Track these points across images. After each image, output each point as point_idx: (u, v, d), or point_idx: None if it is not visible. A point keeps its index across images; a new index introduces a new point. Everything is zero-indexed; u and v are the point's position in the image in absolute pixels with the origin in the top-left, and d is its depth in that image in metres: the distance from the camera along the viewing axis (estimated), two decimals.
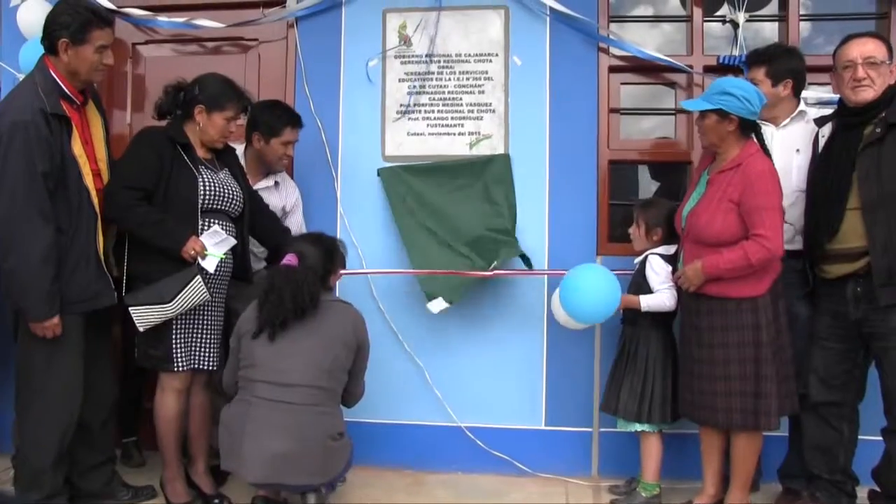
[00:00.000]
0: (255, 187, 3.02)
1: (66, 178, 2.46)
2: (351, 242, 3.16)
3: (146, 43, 3.53)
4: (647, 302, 2.73)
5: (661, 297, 2.74)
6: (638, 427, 2.76)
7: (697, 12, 3.26)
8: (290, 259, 2.56)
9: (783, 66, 2.77)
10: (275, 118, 3.02)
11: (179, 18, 3.39)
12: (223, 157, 2.86)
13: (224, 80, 2.78)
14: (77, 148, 2.50)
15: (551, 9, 3.20)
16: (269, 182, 3.11)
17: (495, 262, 2.99)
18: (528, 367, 3.18)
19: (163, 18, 3.40)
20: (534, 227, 3.20)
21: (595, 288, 2.73)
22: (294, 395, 2.44)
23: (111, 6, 3.34)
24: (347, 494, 2.89)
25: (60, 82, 2.50)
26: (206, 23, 3.36)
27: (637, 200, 3.02)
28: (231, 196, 2.77)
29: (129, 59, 3.52)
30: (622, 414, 2.76)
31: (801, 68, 2.81)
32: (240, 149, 3.09)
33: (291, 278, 2.49)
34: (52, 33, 2.49)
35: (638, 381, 2.75)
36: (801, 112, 2.82)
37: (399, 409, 3.22)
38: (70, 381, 2.57)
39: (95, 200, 2.55)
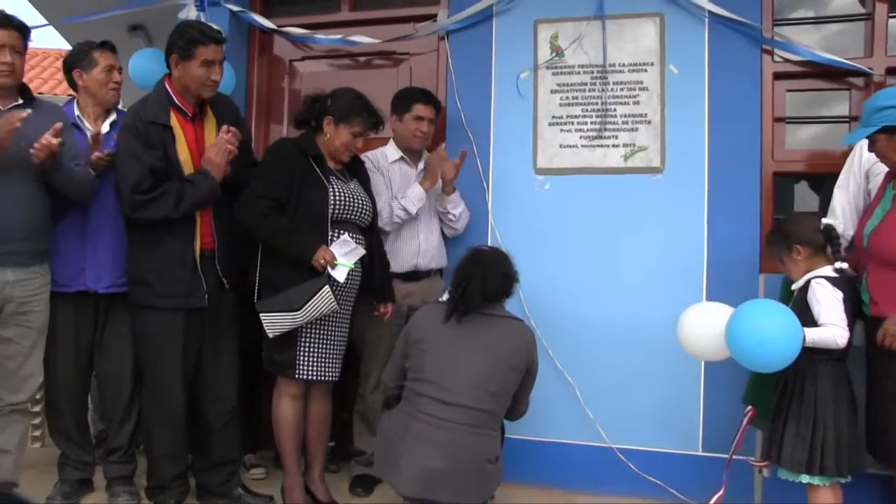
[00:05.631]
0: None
1: (169, 178, 3.06)
2: None
3: (302, 59, 4.17)
4: (811, 336, 2.60)
5: (826, 332, 2.63)
6: (806, 479, 2.68)
7: (881, 9, 3.43)
8: (484, 247, 3.00)
9: None
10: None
11: (335, 35, 3.98)
12: (352, 167, 3.36)
13: (357, 95, 3.26)
14: (183, 154, 3.10)
15: (710, 13, 3.50)
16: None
17: None
18: (685, 388, 3.46)
19: (320, 35, 4.01)
20: (692, 245, 3.50)
21: (784, 335, 2.58)
22: (458, 415, 2.75)
23: (271, 25, 4.01)
24: None
25: (172, 94, 3.14)
26: (361, 38, 3.93)
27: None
28: (360, 206, 3.25)
29: (287, 76, 4.17)
30: (787, 464, 2.69)
31: None
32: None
33: (495, 261, 2.92)
34: (167, 52, 3.16)
35: (806, 425, 2.66)
36: None
37: (548, 426, 3.59)
38: (169, 377, 3.16)
39: None
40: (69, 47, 3.96)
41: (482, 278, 2.87)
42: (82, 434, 3.42)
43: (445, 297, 3.04)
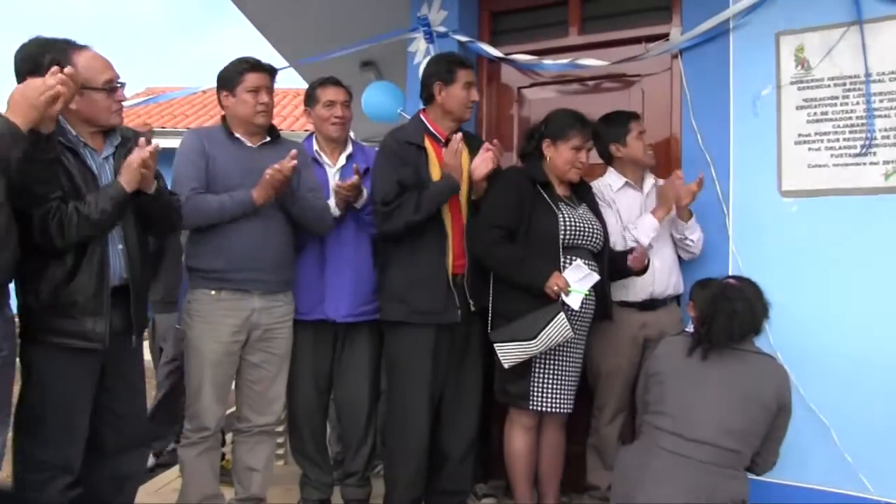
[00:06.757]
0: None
1: None
2: None
3: (531, 86, 4.24)
4: None
5: None
6: None
7: None
8: (731, 280, 2.88)
9: None
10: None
11: (563, 60, 4.01)
12: (580, 192, 3.38)
13: (569, 111, 3.34)
14: (435, 175, 3.26)
15: None
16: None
17: None
18: None
19: (548, 61, 4.06)
20: None
21: None
22: (701, 453, 2.65)
23: (499, 54, 4.13)
24: None
25: (427, 123, 3.36)
26: (590, 62, 3.92)
27: None
28: (591, 231, 3.26)
29: (515, 103, 4.26)
30: None
31: None
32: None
33: (744, 295, 2.80)
34: (427, 84, 3.37)
35: None
36: None
37: (799, 469, 3.34)
38: (416, 400, 3.28)
39: (448, 224, 3.28)
40: (303, 85, 4.32)
41: (729, 316, 2.76)
42: (321, 455, 3.64)
43: (690, 327, 2.95)
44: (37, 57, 2.55)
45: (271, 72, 3.31)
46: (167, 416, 4.54)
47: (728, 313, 2.75)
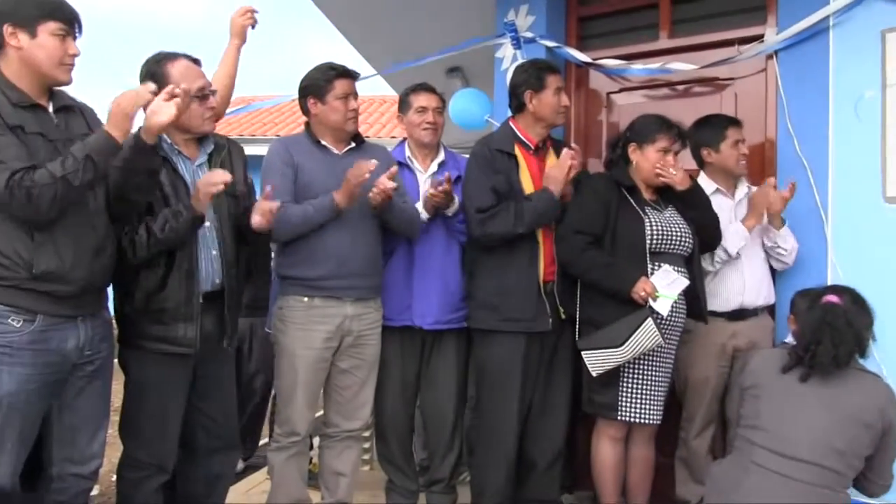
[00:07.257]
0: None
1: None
2: None
3: (619, 91, 4.19)
4: None
5: None
6: None
7: None
8: (833, 298, 2.71)
9: None
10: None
11: (653, 65, 3.94)
12: (668, 195, 3.31)
13: (653, 115, 3.30)
14: (526, 182, 3.27)
15: None
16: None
17: None
18: None
19: (636, 66, 4.00)
20: None
21: None
22: (798, 471, 2.55)
23: (587, 59, 4.09)
24: None
25: (517, 130, 3.36)
26: (680, 66, 3.83)
27: None
28: (678, 236, 3.19)
29: (604, 108, 4.22)
30: None
31: None
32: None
33: (848, 318, 2.64)
34: (517, 93, 3.37)
35: None
36: None
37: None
38: (506, 409, 3.28)
39: (539, 231, 3.28)
40: (389, 92, 4.39)
41: (833, 344, 2.60)
42: (407, 462, 3.66)
43: (790, 338, 2.86)
44: (143, 69, 2.78)
45: (356, 77, 3.36)
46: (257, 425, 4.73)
47: (831, 342, 2.60)
